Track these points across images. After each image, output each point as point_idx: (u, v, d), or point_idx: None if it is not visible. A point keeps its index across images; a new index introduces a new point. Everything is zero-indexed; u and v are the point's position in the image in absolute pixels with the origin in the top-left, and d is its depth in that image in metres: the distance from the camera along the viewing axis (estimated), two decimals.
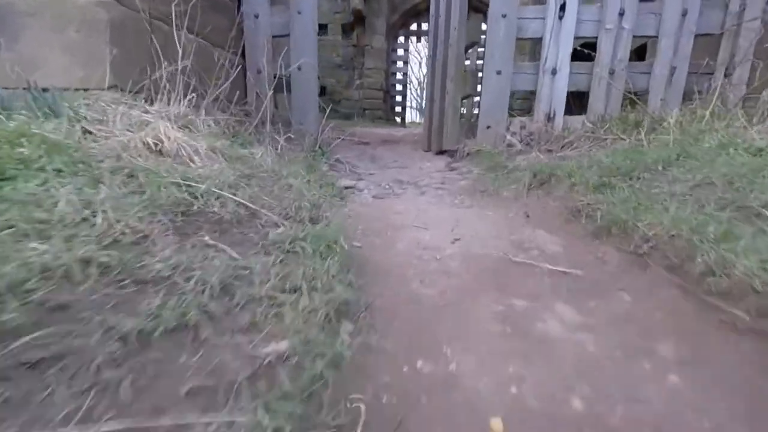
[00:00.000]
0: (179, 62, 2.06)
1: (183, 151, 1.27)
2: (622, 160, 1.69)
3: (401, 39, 9.60)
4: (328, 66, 8.95)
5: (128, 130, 1.48)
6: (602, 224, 1.15)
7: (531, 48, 6.78)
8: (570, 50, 2.77)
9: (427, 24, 8.97)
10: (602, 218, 1.17)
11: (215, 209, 1.03)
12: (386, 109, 9.43)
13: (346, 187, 2.22)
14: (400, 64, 9.58)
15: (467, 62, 5.16)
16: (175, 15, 2.14)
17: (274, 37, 2.94)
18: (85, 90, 1.97)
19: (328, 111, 3.33)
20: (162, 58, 2.05)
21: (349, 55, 8.92)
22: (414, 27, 9.59)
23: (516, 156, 2.68)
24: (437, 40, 3.56)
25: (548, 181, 1.82)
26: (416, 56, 20.37)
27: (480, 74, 3.28)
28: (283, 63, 2.93)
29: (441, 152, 3.57)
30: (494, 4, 2.78)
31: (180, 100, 2.01)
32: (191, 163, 1.25)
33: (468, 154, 2.93)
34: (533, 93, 3.01)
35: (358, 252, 1.13)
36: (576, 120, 2.86)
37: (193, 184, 1.07)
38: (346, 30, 8.74)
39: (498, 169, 2.51)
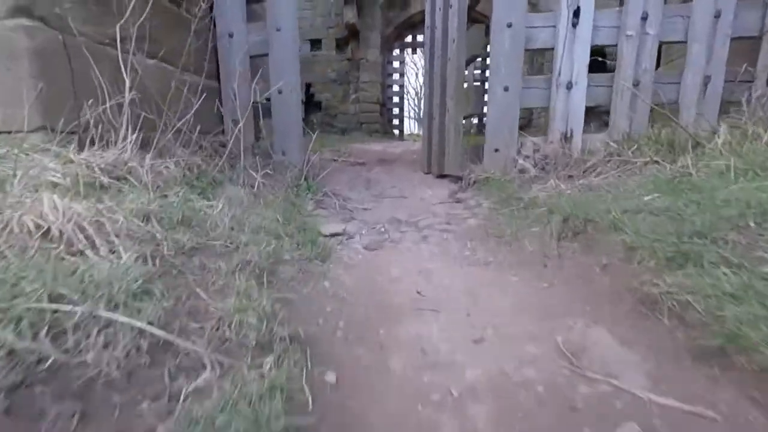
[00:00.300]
0: (126, 94, 1.66)
1: (78, 234, 0.86)
2: (685, 205, 1.27)
3: (396, 51, 9.27)
4: (323, 81, 8.62)
5: (27, 197, 1.08)
6: (708, 338, 0.73)
7: (529, 57, 6.42)
8: (587, 61, 2.37)
9: (422, 36, 8.63)
10: (704, 325, 0.75)
11: (90, 356, 0.61)
12: (383, 122, 9.07)
13: (333, 234, 1.81)
14: (396, 76, 9.23)
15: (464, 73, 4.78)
16: (122, 38, 1.74)
17: (251, 57, 2.55)
18: (9, 133, 1.57)
19: (315, 136, 2.94)
20: (106, 89, 1.66)
21: (343, 69, 8.58)
22: (409, 39, 9.26)
23: (531, 184, 2.26)
24: (434, 54, 3.17)
25: (584, 230, 1.40)
26: (412, 66, 20.14)
27: (475, 86, 2.89)
28: (264, 85, 2.54)
29: (442, 175, 3.16)
30: (498, 12, 2.39)
31: (127, 139, 1.61)
32: (89, 253, 0.84)
33: (474, 181, 2.52)
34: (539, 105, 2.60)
35: (332, 403, 0.70)
36: (596, 139, 2.44)
37: (62, 307, 0.66)
38: (341, 45, 8.42)
39: (512, 202, 2.09)
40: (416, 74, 20.88)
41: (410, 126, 19.63)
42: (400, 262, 1.52)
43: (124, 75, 1.68)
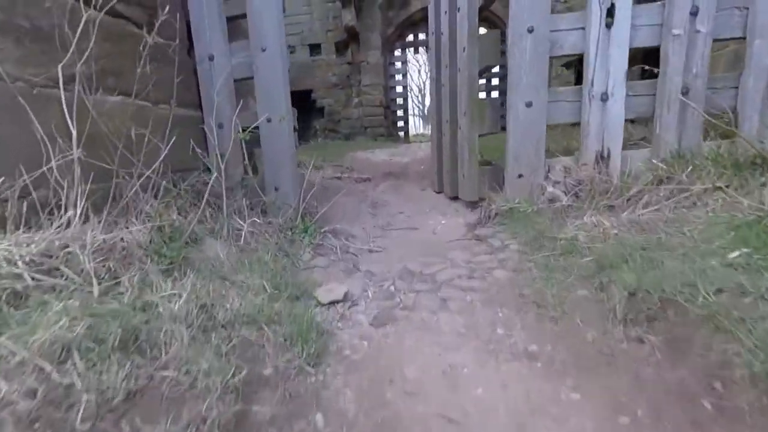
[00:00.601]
0: (74, 148, 1.34)
1: None
2: None
3: (398, 52, 8.83)
4: (325, 86, 8.26)
5: None
6: None
7: None
8: (625, 67, 1.97)
9: (424, 34, 8.18)
10: None
11: None
12: (388, 125, 8.67)
13: (333, 303, 1.47)
14: (398, 77, 8.79)
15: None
16: (72, 77, 1.42)
17: (235, 81, 2.22)
18: None
19: (312, 161, 2.60)
20: (49, 144, 1.33)
21: (345, 73, 8.21)
22: (410, 38, 8.82)
23: (564, 218, 1.89)
24: (440, 63, 2.79)
25: (662, 314, 1.03)
26: (415, 63, 19.57)
27: (492, 100, 2.49)
28: (252, 112, 2.21)
29: (456, 197, 2.80)
30: (516, 15, 2.00)
31: (77, 206, 1.29)
32: None
33: (496, 213, 2.15)
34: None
35: None
36: (638, 158, 2.05)
37: None
38: (340, 48, 8.03)
39: (545, 244, 1.72)
40: (419, 71, 20.34)
41: (415, 125, 19.12)
42: (417, 350, 1.18)
43: (70, 124, 1.35)
